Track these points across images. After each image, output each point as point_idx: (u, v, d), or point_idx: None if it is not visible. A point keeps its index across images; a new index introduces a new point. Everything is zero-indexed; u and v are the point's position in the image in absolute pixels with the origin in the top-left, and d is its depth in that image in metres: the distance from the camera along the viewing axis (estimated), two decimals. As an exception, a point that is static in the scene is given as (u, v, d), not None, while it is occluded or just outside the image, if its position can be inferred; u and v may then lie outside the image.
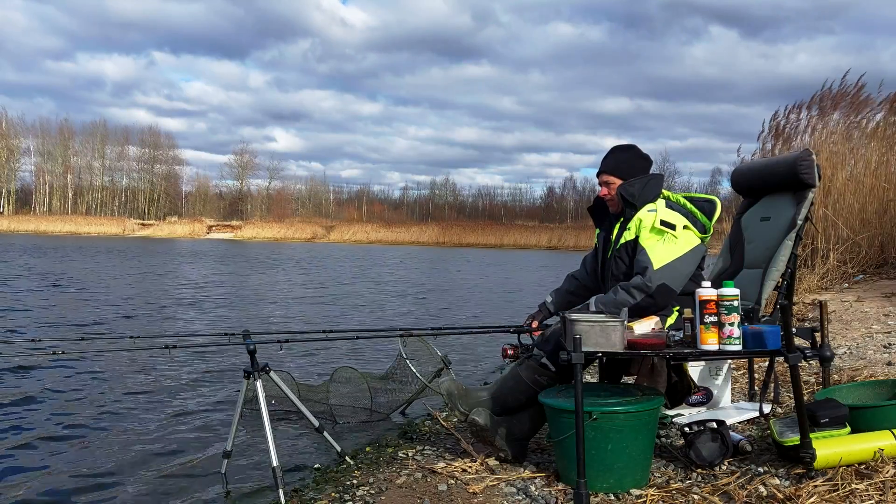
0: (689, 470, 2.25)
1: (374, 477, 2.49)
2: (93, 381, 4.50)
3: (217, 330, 6.39)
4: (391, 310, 9.66)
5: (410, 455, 2.75)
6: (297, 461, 2.98)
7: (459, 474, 2.38)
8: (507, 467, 2.43)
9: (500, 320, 5.27)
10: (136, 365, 5.00)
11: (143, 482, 2.76)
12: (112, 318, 7.75)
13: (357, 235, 51.63)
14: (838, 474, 1.94)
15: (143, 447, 3.21)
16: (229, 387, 4.34)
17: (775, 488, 1.96)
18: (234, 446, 2.72)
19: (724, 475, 2.15)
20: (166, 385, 4.50)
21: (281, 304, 9.98)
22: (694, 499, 2.01)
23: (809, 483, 1.93)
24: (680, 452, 2.42)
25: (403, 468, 2.55)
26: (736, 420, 2.80)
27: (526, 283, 16.09)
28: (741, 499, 1.94)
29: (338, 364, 4.42)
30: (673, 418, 2.73)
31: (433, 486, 2.31)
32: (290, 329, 6.53)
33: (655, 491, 2.10)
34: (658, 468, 2.31)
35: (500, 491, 2.22)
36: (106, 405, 3.95)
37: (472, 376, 4.92)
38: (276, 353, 4.02)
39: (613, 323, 2.01)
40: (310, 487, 2.56)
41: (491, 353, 5.46)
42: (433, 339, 3.67)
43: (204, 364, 5.14)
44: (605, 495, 2.09)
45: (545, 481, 2.27)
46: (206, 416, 3.78)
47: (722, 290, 2.01)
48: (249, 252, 28.22)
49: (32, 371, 4.66)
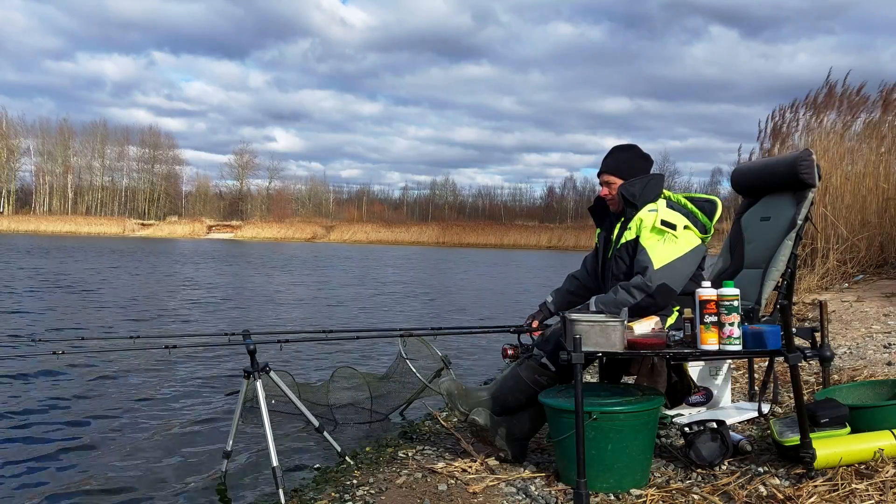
0: (689, 470, 2.25)
1: (374, 477, 2.49)
2: (93, 382, 4.50)
3: (218, 330, 6.38)
4: (392, 310, 9.66)
5: (410, 455, 2.75)
6: (297, 461, 2.99)
7: (459, 474, 2.38)
8: (507, 467, 2.43)
9: (501, 321, 5.27)
10: (136, 365, 4.99)
11: (143, 482, 2.76)
12: (115, 318, 7.75)
13: (357, 235, 51.69)
14: (838, 474, 1.94)
15: (142, 447, 3.21)
16: (230, 386, 4.34)
17: (775, 488, 1.96)
18: (233, 446, 2.72)
19: (724, 475, 2.15)
20: (166, 385, 4.50)
21: (282, 305, 9.98)
22: (694, 499, 2.01)
23: (809, 483, 1.93)
24: (680, 452, 2.42)
25: (403, 468, 2.55)
26: (736, 420, 2.80)
27: (526, 282, 16.09)
28: (741, 499, 1.94)
29: (338, 364, 4.43)
30: (673, 418, 2.73)
31: (433, 485, 2.31)
32: (291, 329, 6.53)
33: (655, 491, 2.10)
34: (658, 468, 2.31)
35: (500, 491, 2.22)
36: (106, 405, 3.95)
37: (472, 376, 4.92)
38: (277, 354, 4.02)
39: (613, 323, 2.01)
40: (310, 487, 2.56)
41: (491, 354, 5.47)
42: (433, 339, 3.67)
43: (204, 364, 5.14)
44: (605, 495, 2.09)
45: (545, 481, 2.27)
46: (206, 415, 3.79)
47: (722, 290, 2.01)
48: (250, 252, 28.22)
49: (33, 371, 4.65)
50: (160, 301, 9.78)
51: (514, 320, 3.09)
